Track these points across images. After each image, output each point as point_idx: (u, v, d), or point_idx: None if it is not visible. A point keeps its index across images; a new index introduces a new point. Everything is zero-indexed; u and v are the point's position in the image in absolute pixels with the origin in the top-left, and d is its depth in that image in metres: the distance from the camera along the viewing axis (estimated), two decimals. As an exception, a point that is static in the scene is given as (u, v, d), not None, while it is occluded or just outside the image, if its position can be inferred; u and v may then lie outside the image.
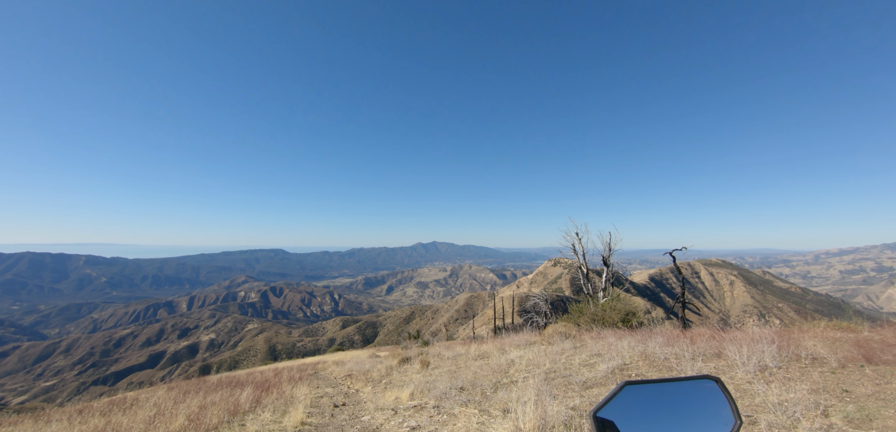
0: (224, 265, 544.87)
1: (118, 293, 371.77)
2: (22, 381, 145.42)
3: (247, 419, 7.74)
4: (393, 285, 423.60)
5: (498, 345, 15.15)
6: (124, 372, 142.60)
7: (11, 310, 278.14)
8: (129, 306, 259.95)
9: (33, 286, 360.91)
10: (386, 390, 10.42)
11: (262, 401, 9.67)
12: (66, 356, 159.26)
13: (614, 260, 22.27)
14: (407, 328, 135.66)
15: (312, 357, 50.41)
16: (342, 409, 8.74)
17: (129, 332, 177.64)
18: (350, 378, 14.62)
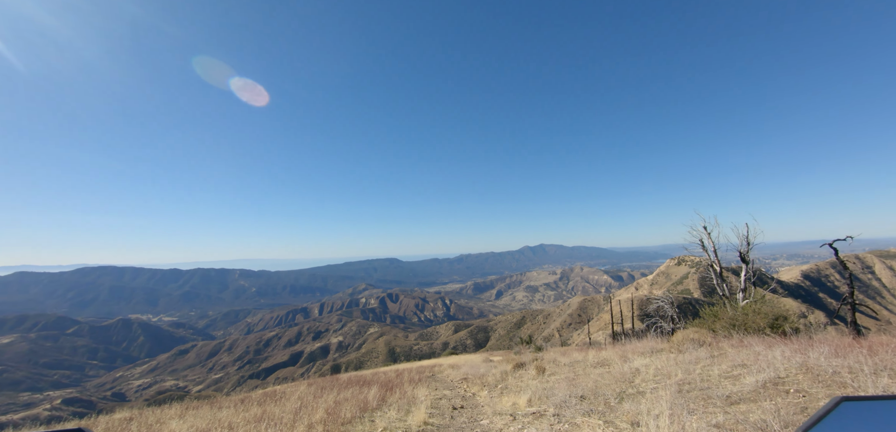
0: (347, 274, 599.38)
1: (264, 300, 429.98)
2: (198, 373, 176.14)
3: (375, 416, 8.35)
4: (502, 290, 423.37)
5: (619, 352, 14.19)
6: (272, 369, 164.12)
7: (189, 315, 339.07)
8: (273, 311, 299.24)
9: (204, 295, 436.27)
10: (502, 395, 10.41)
11: (387, 400, 10.37)
12: (229, 353, 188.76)
13: (754, 255, 19.38)
14: (518, 333, 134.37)
15: (428, 360, 52.65)
16: (461, 412, 8.96)
17: (275, 334, 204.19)
18: (466, 381, 14.91)
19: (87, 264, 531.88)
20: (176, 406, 14.78)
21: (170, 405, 16.27)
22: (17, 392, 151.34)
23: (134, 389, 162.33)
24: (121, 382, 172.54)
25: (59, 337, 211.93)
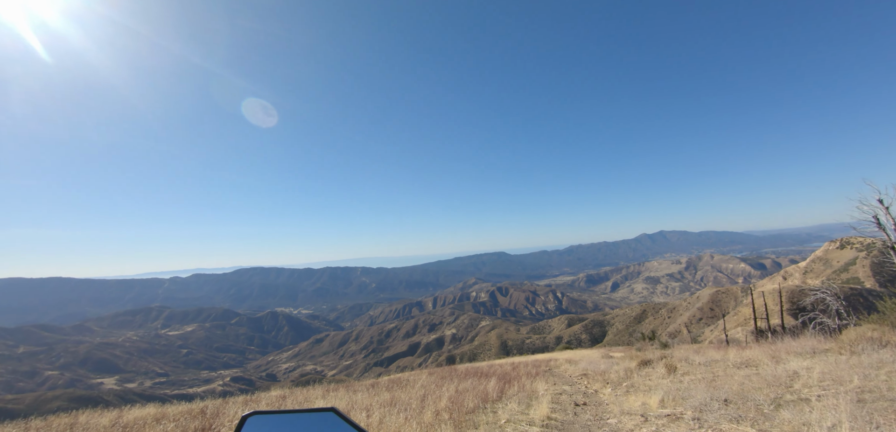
0: (456, 269, 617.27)
1: (383, 295, 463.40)
2: (332, 360, 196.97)
3: (497, 407, 8.50)
4: (617, 281, 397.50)
5: (768, 352, 12.39)
6: (393, 358, 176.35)
7: (322, 308, 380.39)
8: (391, 305, 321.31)
9: (332, 291, 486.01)
10: (628, 394, 9.82)
11: (506, 392, 10.48)
12: (356, 343, 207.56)
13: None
14: (638, 328, 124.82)
15: (541, 354, 51.70)
16: (584, 409, 8.67)
17: (394, 326, 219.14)
18: (586, 377, 14.36)
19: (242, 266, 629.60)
20: (319, 387, 16.76)
21: (313, 386, 18.46)
22: (199, 370, 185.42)
23: (282, 371, 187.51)
24: (272, 365, 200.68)
25: (226, 327, 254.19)
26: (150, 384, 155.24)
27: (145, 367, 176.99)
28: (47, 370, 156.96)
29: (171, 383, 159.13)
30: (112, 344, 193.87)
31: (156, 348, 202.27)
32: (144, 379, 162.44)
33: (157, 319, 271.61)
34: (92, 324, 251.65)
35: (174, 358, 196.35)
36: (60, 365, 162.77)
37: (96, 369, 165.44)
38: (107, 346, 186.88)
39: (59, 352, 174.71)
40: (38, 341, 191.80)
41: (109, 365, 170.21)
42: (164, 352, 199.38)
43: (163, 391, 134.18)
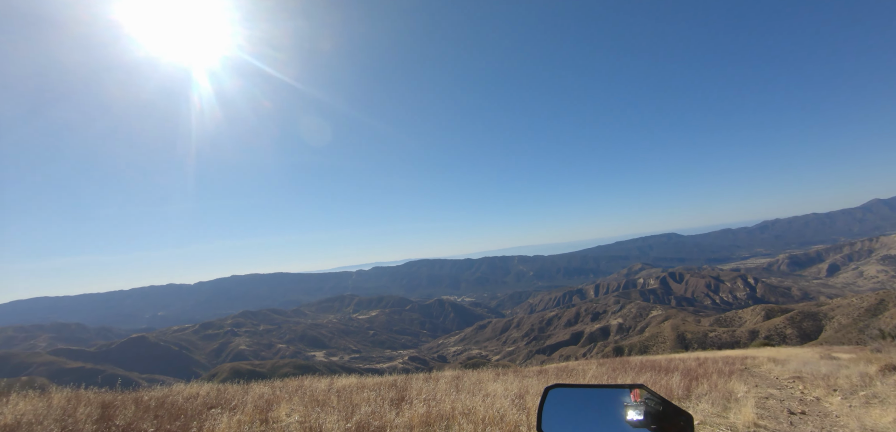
0: (619, 254, 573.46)
1: (542, 283, 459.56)
2: (495, 345, 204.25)
3: (683, 406, 7.68)
4: (837, 263, 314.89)
5: None
6: (555, 346, 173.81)
7: (483, 296, 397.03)
8: (550, 293, 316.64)
9: (492, 280, 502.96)
10: (869, 406, 7.79)
11: (693, 391, 9.37)
12: (517, 330, 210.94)
13: None
14: (874, 323, 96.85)
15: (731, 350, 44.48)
16: (803, 419, 7.20)
17: (554, 314, 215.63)
18: (800, 381, 11.89)
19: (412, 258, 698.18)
20: (489, 370, 17.61)
21: (483, 369, 19.48)
22: (383, 349, 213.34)
23: (451, 354, 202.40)
24: (441, 348, 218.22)
25: (401, 312, 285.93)
26: (347, 358, 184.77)
27: (344, 344, 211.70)
28: (278, 343, 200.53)
29: (362, 358, 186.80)
30: (319, 324, 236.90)
31: (350, 329, 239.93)
32: (344, 354, 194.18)
33: (348, 305, 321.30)
34: (304, 309, 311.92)
35: (363, 338, 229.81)
36: (286, 340, 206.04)
37: (310, 344, 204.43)
38: (316, 327, 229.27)
39: (285, 331, 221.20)
40: (271, 321, 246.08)
41: (318, 342, 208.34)
42: (356, 333, 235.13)
43: (357, 365, 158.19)
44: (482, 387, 11.02)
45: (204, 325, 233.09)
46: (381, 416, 6.66)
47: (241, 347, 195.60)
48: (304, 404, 9.06)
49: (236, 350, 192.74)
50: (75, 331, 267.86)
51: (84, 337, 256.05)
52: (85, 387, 10.83)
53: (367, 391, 10.51)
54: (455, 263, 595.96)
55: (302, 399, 9.72)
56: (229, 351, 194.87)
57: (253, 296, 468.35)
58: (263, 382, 13.85)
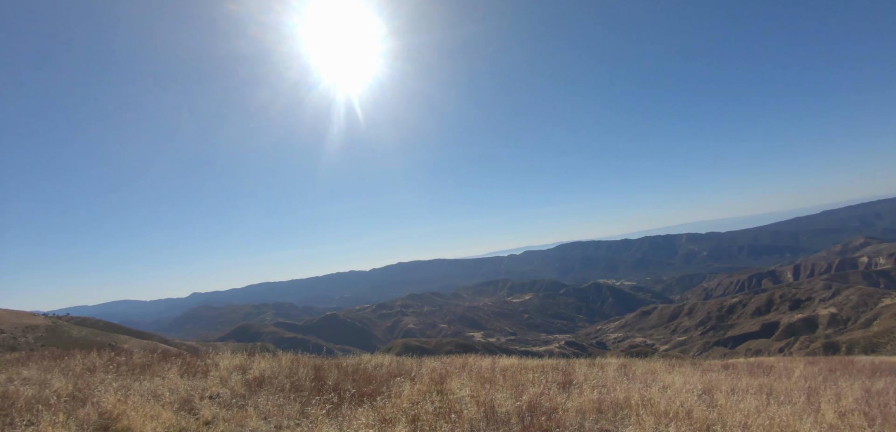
0: (828, 226, 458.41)
1: (718, 264, 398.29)
2: (662, 334, 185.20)
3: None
4: None
5: None
6: (739, 338, 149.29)
7: (645, 279, 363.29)
8: (731, 276, 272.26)
9: (654, 261, 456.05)
10: None
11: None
12: (689, 318, 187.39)
13: None
14: None
15: None
16: None
17: (738, 301, 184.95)
18: None
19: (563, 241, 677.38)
20: (659, 361, 16.10)
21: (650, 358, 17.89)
22: (537, 332, 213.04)
23: (611, 340, 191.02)
24: (600, 334, 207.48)
25: (555, 296, 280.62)
26: (504, 340, 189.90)
27: (499, 326, 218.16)
28: (440, 323, 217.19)
29: (518, 341, 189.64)
30: (476, 307, 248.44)
31: (504, 312, 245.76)
32: (500, 336, 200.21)
33: (502, 289, 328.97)
34: (461, 292, 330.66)
35: (518, 320, 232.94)
36: (447, 321, 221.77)
37: (468, 325, 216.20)
38: (473, 309, 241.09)
39: (446, 312, 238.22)
40: (433, 303, 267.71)
41: (476, 323, 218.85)
42: (510, 315, 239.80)
43: (513, 346, 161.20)
44: (656, 378, 10.14)
45: (379, 306, 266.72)
46: (552, 398, 6.66)
47: (409, 325, 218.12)
48: (472, 380, 9.63)
49: (406, 328, 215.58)
50: (288, 309, 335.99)
51: (294, 313, 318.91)
52: (300, 353, 13.59)
53: (529, 372, 10.64)
54: (611, 245, 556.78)
55: (469, 375, 10.37)
56: (400, 328, 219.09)
57: (416, 281, 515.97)
58: (432, 357, 15.19)
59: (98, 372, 9.20)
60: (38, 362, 10.62)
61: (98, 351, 12.86)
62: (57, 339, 40.53)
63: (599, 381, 8.56)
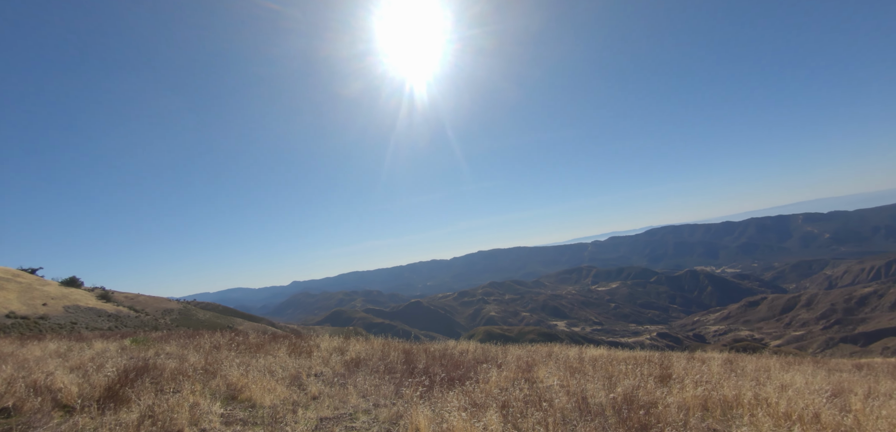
0: None
1: (845, 248, 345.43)
2: (773, 327, 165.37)
3: None
4: None
5: None
6: (873, 335, 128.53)
7: (751, 266, 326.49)
8: (862, 262, 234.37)
9: (762, 246, 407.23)
10: None
11: None
12: (808, 310, 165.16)
13: None
14: None
15: None
16: None
17: (872, 291, 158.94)
18: None
19: (653, 226, 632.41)
20: (772, 357, 14.43)
21: (762, 354, 16.07)
22: (626, 322, 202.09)
23: (711, 333, 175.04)
24: (698, 326, 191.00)
25: (646, 285, 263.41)
26: (589, 329, 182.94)
27: (584, 315, 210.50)
28: (522, 311, 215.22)
29: (604, 331, 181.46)
30: (559, 295, 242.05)
31: (589, 301, 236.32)
32: (585, 325, 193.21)
33: (586, 277, 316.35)
34: (544, 280, 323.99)
35: (604, 310, 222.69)
36: (529, 309, 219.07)
37: (551, 314, 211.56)
38: (556, 297, 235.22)
39: (527, 300, 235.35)
40: (515, 291, 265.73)
41: (559, 312, 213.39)
42: (595, 305, 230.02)
43: (599, 337, 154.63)
44: (770, 376, 9.12)
45: (461, 294, 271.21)
46: (649, 392, 6.30)
47: (491, 313, 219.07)
48: (560, 369, 9.43)
49: (487, 316, 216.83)
50: (376, 296, 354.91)
51: (381, 300, 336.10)
52: (388, 337, 14.32)
53: (620, 364, 10.16)
54: (709, 228, 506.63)
55: (556, 364, 10.17)
56: (482, 316, 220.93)
57: (496, 269, 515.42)
58: (515, 345, 15.12)
59: (222, 349, 10.52)
60: (176, 340, 12.41)
61: (221, 331, 14.75)
62: (187, 321, 46.97)
63: (703, 377, 7.91)
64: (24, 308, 34.75)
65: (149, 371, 7.30)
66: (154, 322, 43.11)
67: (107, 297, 47.56)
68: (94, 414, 5.30)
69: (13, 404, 5.84)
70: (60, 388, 6.30)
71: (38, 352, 9.70)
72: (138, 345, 11.39)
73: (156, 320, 44.35)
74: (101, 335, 16.48)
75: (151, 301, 54.67)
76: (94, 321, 36.79)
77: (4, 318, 31.27)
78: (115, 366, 7.68)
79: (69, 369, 7.69)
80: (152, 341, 12.22)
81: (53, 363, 8.25)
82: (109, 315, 40.67)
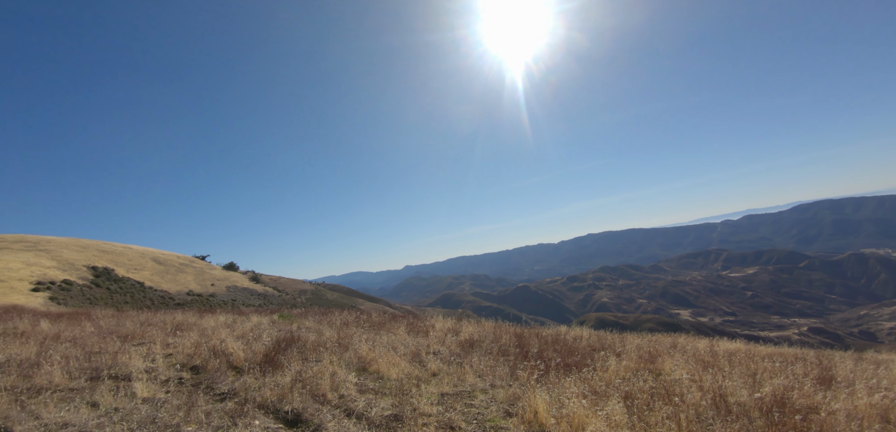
0: None
1: None
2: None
3: None
4: None
5: None
6: None
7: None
8: None
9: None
10: None
11: None
12: None
13: None
14: None
15: None
16: None
17: None
18: None
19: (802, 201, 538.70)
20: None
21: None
22: (767, 314, 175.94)
23: (885, 331, 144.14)
24: (866, 320, 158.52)
25: (793, 270, 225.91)
26: (719, 320, 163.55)
27: (713, 304, 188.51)
28: (638, 298, 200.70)
29: (739, 323, 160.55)
30: (681, 281, 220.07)
31: (719, 288, 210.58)
32: (714, 315, 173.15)
33: (715, 261, 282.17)
34: (663, 265, 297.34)
35: (739, 299, 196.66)
36: (646, 296, 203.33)
37: (672, 301, 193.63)
38: (678, 283, 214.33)
39: (644, 286, 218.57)
40: (629, 277, 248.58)
41: (682, 299, 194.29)
42: (728, 293, 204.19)
43: (732, 329, 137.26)
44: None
45: (570, 278, 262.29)
46: (807, 395, 5.43)
47: (603, 299, 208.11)
48: (688, 362, 8.64)
49: (599, 302, 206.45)
50: (483, 280, 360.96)
51: (488, 284, 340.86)
52: (497, 320, 14.46)
53: (764, 361, 8.93)
54: (883, 202, 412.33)
55: (683, 356, 9.32)
56: (593, 302, 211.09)
57: (608, 252, 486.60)
58: (632, 334, 14.16)
59: (350, 326, 11.67)
60: (312, 316, 14.09)
61: (348, 310, 16.39)
62: (318, 300, 52.88)
63: (880, 382, 6.59)
64: (198, 287, 42.41)
65: (294, 342, 8.43)
66: (292, 300, 49.36)
67: (256, 279, 55.73)
68: (257, 374, 6.31)
69: (200, 363, 7.22)
70: (231, 353, 7.60)
71: (212, 323, 11.80)
72: (284, 320, 13.19)
73: (294, 299, 50.76)
74: (255, 310, 19.45)
75: (290, 282, 62.56)
76: (247, 299, 43.46)
77: (186, 295, 38.54)
78: (269, 337, 9.03)
79: (235, 337, 9.23)
80: (294, 317, 14.05)
81: (224, 332, 9.97)
82: (258, 294, 47.64)
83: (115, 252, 44.54)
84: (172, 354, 7.86)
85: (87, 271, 35.24)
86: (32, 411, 4.93)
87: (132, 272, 39.83)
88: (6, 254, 33.67)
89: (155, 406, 5.16)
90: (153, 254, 50.29)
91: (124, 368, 6.67)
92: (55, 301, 25.46)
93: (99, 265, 37.62)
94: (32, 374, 6.21)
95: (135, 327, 10.51)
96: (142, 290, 35.77)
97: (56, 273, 31.84)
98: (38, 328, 10.12)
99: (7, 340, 8.51)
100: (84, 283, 31.99)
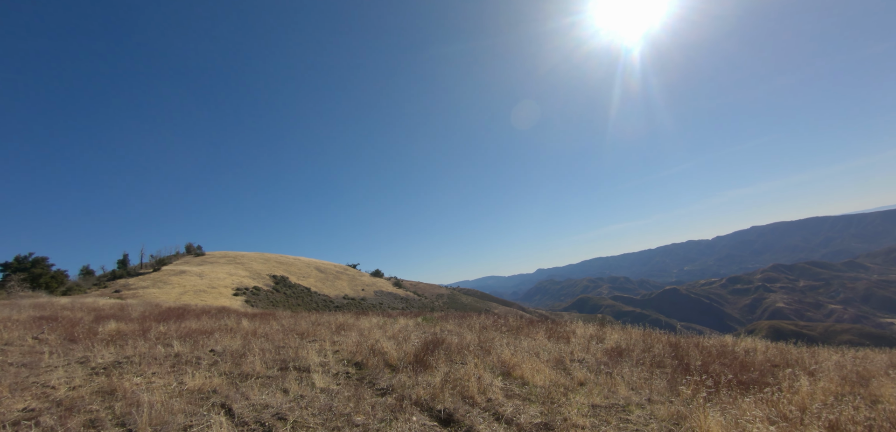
0: None
1: None
2: None
3: None
4: None
5: None
6: None
7: None
8: None
9: None
10: None
11: None
12: None
13: None
14: None
15: None
16: None
17: None
18: None
19: None
20: None
21: None
22: None
23: None
24: None
25: None
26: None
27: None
28: (828, 303, 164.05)
29: None
30: (892, 282, 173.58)
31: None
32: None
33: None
34: (863, 261, 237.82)
35: None
36: (840, 300, 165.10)
37: (879, 307, 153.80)
38: (887, 284, 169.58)
39: (836, 288, 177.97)
40: (814, 276, 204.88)
41: (894, 305, 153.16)
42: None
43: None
44: None
45: (731, 280, 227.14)
46: None
47: (777, 304, 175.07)
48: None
49: (772, 307, 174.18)
50: (623, 283, 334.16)
51: (629, 287, 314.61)
52: (644, 327, 13.13)
53: None
54: None
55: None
56: (763, 307, 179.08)
57: (780, 247, 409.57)
58: (825, 348, 11.57)
59: (489, 329, 11.83)
60: (452, 320, 14.68)
61: (484, 314, 16.67)
62: (454, 304, 55.04)
63: None
64: (351, 292, 47.73)
65: (439, 344, 8.87)
66: (430, 304, 52.31)
67: (399, 284, 60.52)
68: (410, 373, 6.78)
69: (361, 360, 8.07)
70: (385, 352, 8.33)
71: (367, 324, 13.13)
72: (427, 323, 14.03)
73: (432, 303, 53.75)
74: (400, 313, 21.08)
75: (428, 287, 66.41)
76: (392, 302, 47.42)
77: (342, 299, 43.69)
78: (417, 338, 9.68)
79: (387, 337, 10.10)
80: (436, 320, 14.83)
81: (377, 332, 11.00)
82: (400, 298, 51.62)
83: (288, 262, 52.90)
84: (339, 351, 8.94)
85: (269, 279, 42.53)
86: (243, 393, 6.08)
87: (301, 279, 46.80)
88: (216, 268, 42.59)
89: (330, 395, 5.92)
90: (316, 263, 58.34)
91: (304, 361, 7.81)
92: (249, 303, 31.29)
93: (277, 274, 45.09)
94: (241, 363, 7.69)
95: (308, 326, 12.26)
96: (309, 294, 41.75)
97: (248, 281, 39.11)
98: (241, 325, 12.52)
99: (223, 334, 10.68)
100: (267, 289, 38.67)
